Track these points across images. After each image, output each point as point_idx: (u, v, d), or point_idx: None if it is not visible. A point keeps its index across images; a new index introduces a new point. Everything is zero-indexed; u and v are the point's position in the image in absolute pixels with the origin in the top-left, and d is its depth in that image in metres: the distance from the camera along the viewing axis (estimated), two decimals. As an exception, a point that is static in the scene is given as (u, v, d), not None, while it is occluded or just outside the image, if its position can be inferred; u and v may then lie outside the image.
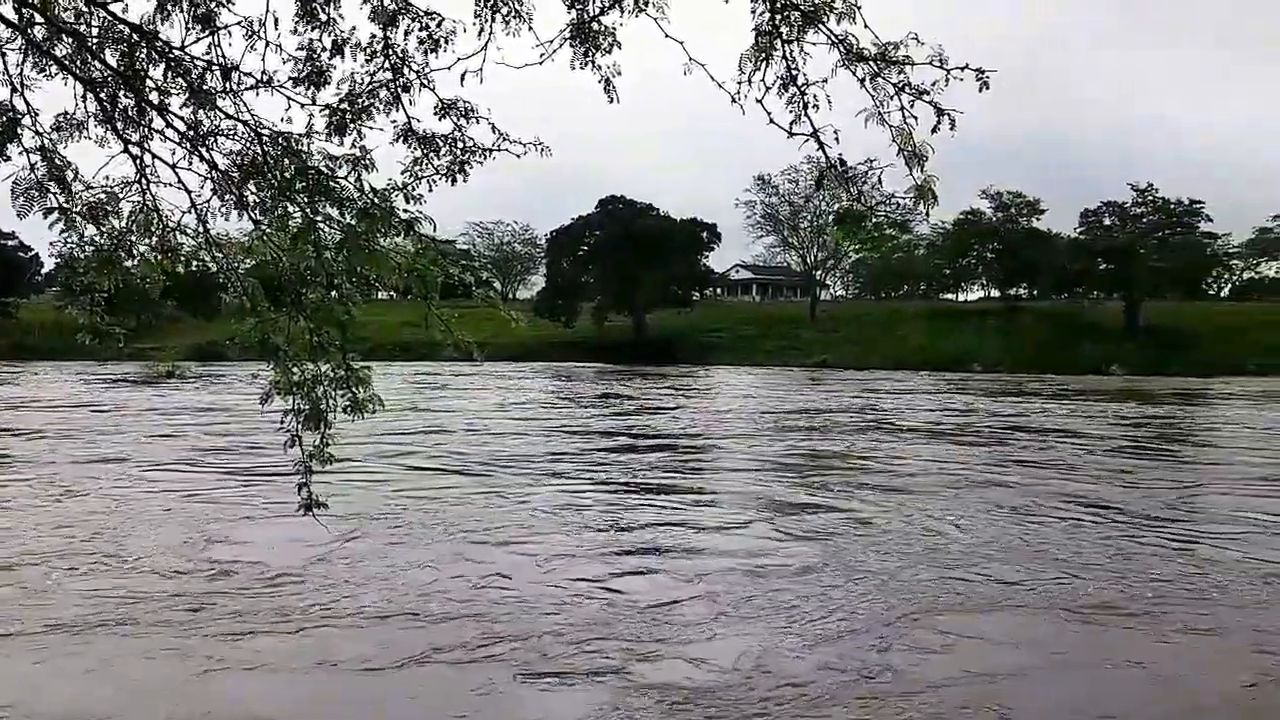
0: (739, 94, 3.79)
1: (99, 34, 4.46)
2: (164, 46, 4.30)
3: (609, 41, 4.00)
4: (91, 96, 4.54)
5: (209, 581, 8.14)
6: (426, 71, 4.21)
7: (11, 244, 76.16)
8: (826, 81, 3.66)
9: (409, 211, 4.15)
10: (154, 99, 4.54)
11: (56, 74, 4.44)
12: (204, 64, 4.29)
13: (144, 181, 4.88)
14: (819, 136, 3.67)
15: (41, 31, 4.43)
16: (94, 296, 4.96)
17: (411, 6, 4.17)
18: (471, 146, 4.35)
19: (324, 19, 4.21)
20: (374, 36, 4.23)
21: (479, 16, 3.99)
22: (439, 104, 4.29)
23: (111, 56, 4.48)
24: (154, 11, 4.32)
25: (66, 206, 4.39)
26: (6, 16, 4.30)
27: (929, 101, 3.49)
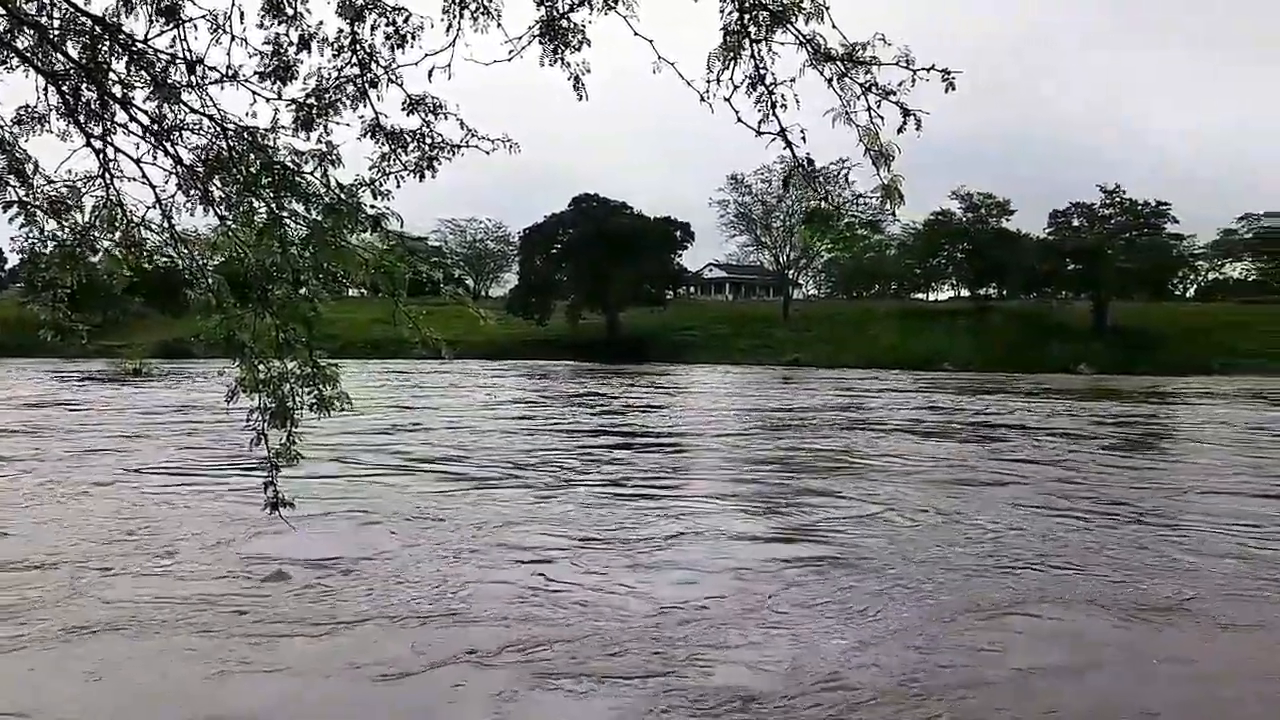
0: (708, 93, 3.79)
1: (61, 26, 4.39)
2: (127, 39, 4.24)
3: (578, 39, 4.00)
4: (53, 89, 4.47)
5: (247, 583, 7.90)
6: (394, 67, 4.19)
7: (-26, 239, 74.96)
8: (794, 81, 3.68)
9: (376, 208, 4.13)
10: (117, 92, 4.48)
11: (18, 66, 4.37)
12: (168, 57, 4.23)
13: (107, 176, 4.81)
14: (787, 136, 3.68)
15: (2, 24, 4.37)
16: (56, 292, 4.89)
17: (379, 2, 4.15)
18: (440, 143, 4.33)
19: (290, 13, 4.17)
20: (341, 31, 4.20)
21: (447, 13, 3.97)
22: (407, 100, 4.27)
23: (74, 49, 4.41)
24: (118, 4, 4.26)
25: (27, 201, 4.32)
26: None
27: (895, 102, 3.52)
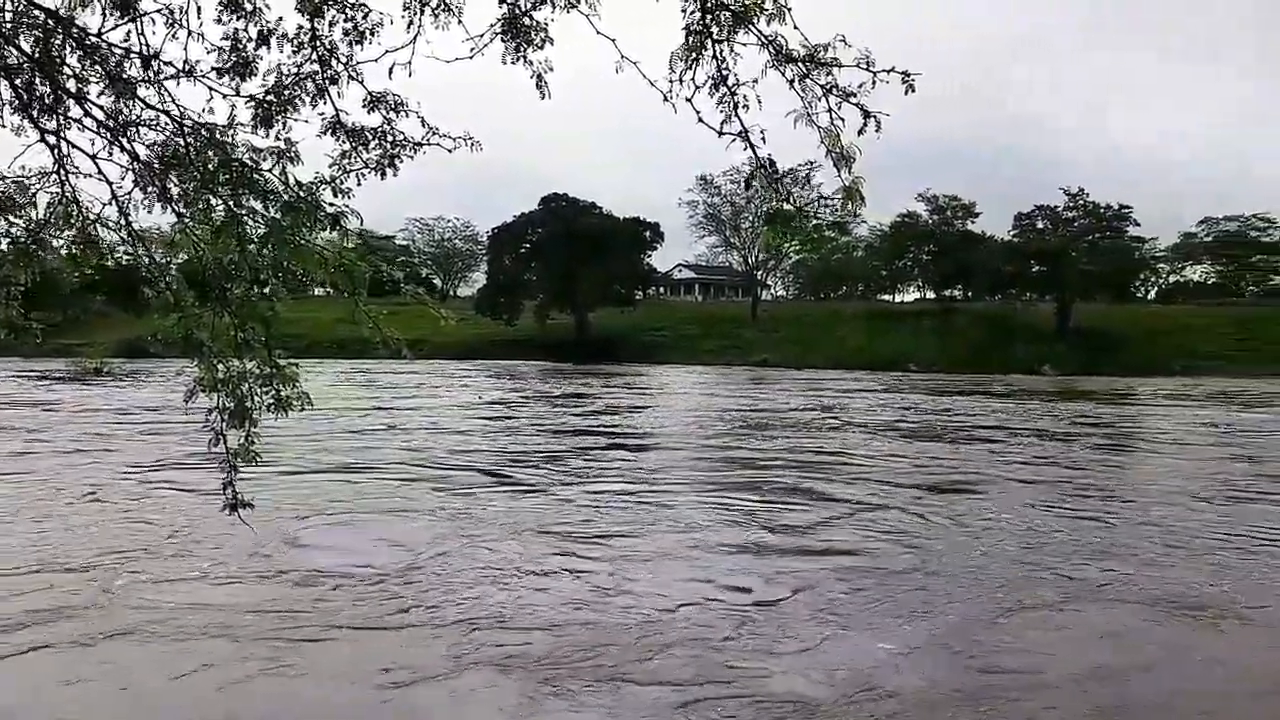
0: (671, 93, 3.79)
1: (13, 19, 4.30)
2: (81, 33, 4.17)
3: (540, 37, 3.98)
4: (6, 83, 4.39)
5: (287, 587, 7.75)
6: (354, 64, 4.14)
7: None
8: (757, 82, 3.68)
9: (335, 205, 4.08)
10: (72, 87, 4.40)
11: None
12: (122, 52, 4.16)
13: (62, 172, 4.73)
14: (749, 137, 3.69)
15: (-49, 16, 4.28)
16: (10, 290, 4.80)
17: (340, -2, 4.11)
18: (402, 140, 4.29)
19: (249, 8, 4.12)
20: (301, 28, 4.15)
21: (408, 9, 3.94)
22: (368, 97, 4.23)
23: (26, 42, 4.33)
24: (72, -4, 4.19)
25: (-22, 197, 4.24)
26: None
27: (856, 104, 3.53)
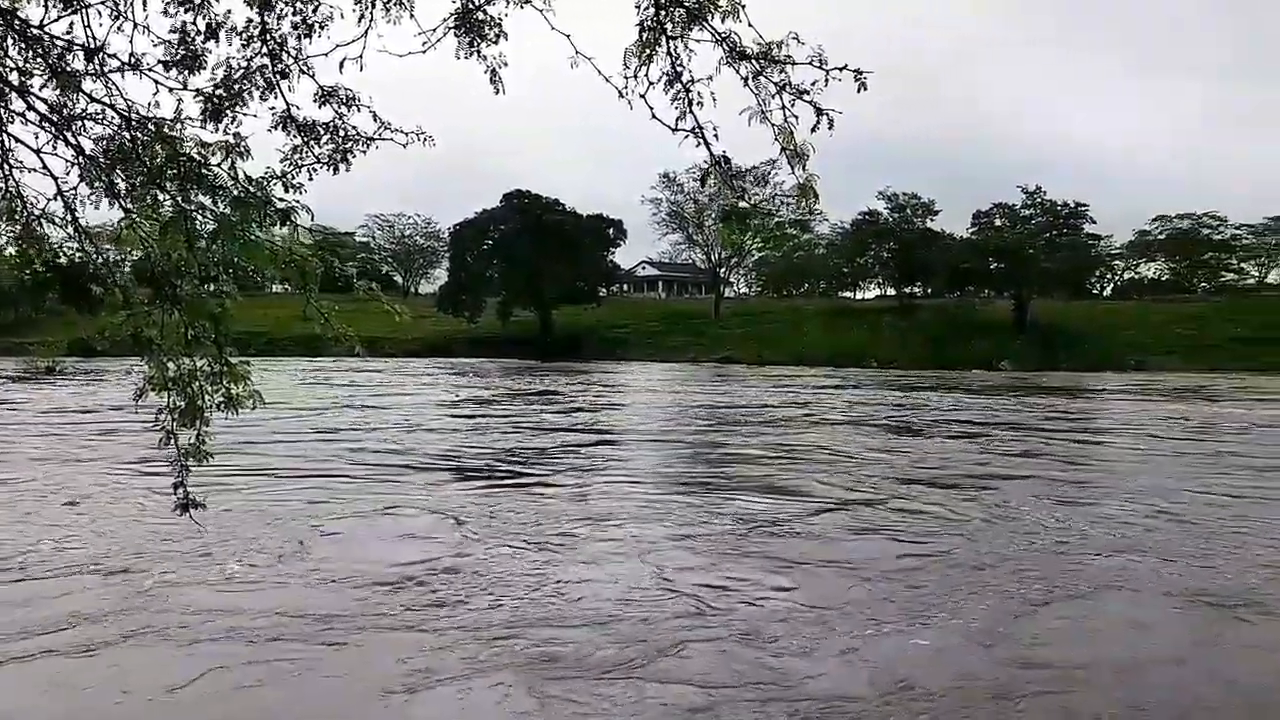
0: (626, 89, 3.78)
1: (-48, 10, 4.20)
2: (22, 25, 4.07)
3: (495, 32, 3.96)
4: (-56, 75, 4.28)
5: (321, 589, 7.53)
6: (305, 58, 4.09)
7: (-127, 231, 71.57)
8: (712, 79, 3.68)
9: (286, 201, 4.02)
10: (14, 79, 4.31)
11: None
12: (64, 43, 4.07)
13: (6, 166, 4.63)
14: (703, 133, 3.69)
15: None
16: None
17: (289, -10, 4.04)
18: (354, 135, 4.24)
19: (197, 1, 4.05)
20: (250, 21, 4.09)
21: (359, 3, 3.90)
22: (319, 91, 4.17)
23: (-35, 33, 4.23)
24: (13, -14, 4.09)
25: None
26: None
27: (809, 101, 3.54)
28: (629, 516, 10.48)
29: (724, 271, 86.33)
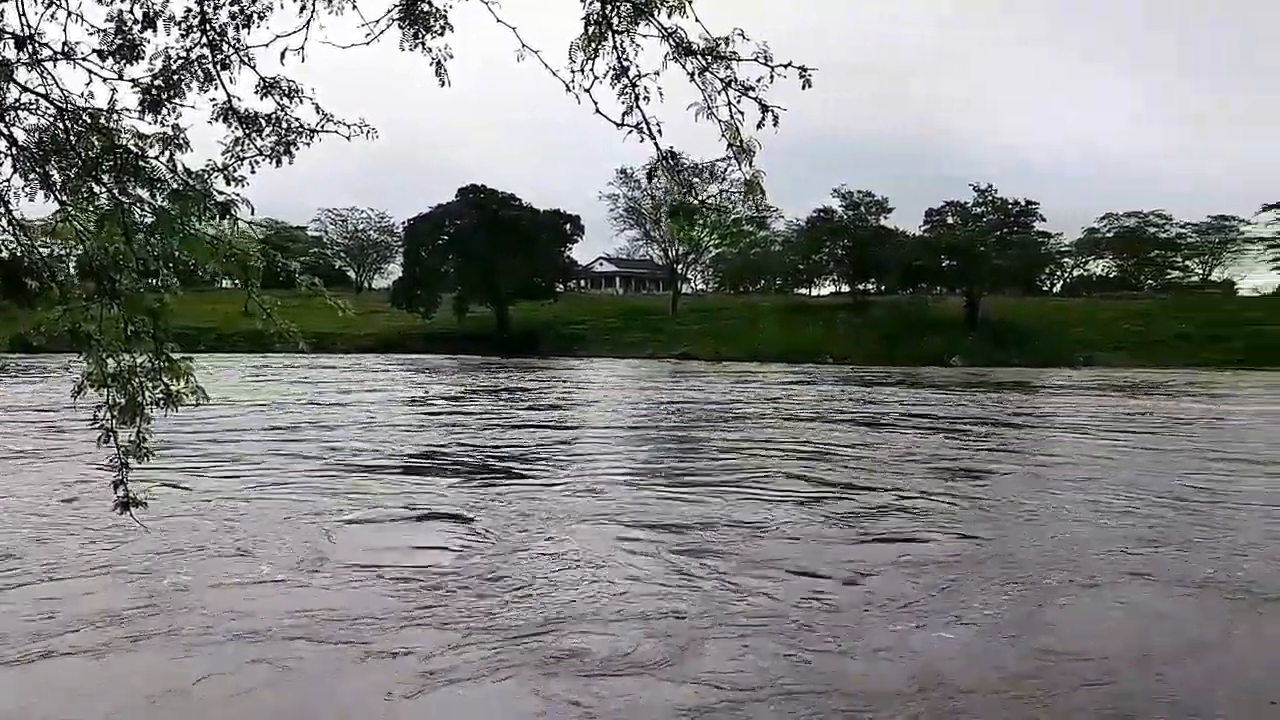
0: (573, 83, 3.76)
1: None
2: (-50, 10, 3.95)
3: (440, 24, 3.91)
4: None
5: (353, 590, 7.40)
6: (246, 48, 4.01)
7: None
8: (659, 74, 3.67)
9: (226, 194, 3.94)
10: (-58, 67, 4.18)
11: None
12: (-7, 31, 3.95)
13: (-65, 156, 4.49)
14: (651, 129, 3.68)
15: None
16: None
17: (229, -22, 3.96)
18: (297, 127, 4.17)
19: (134, -12, 3.95)
20: (190, 10, 3.99)
21: (301, -8, 3.83)
22: (260, 82, 4.09)
23: (-109, 19, 4.09)
24: (-60, -28, 3.97)
25: None
26: None
27: (754, 98, 3.55)
28: (638, 512, 10.47)
29: (681, 268, 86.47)
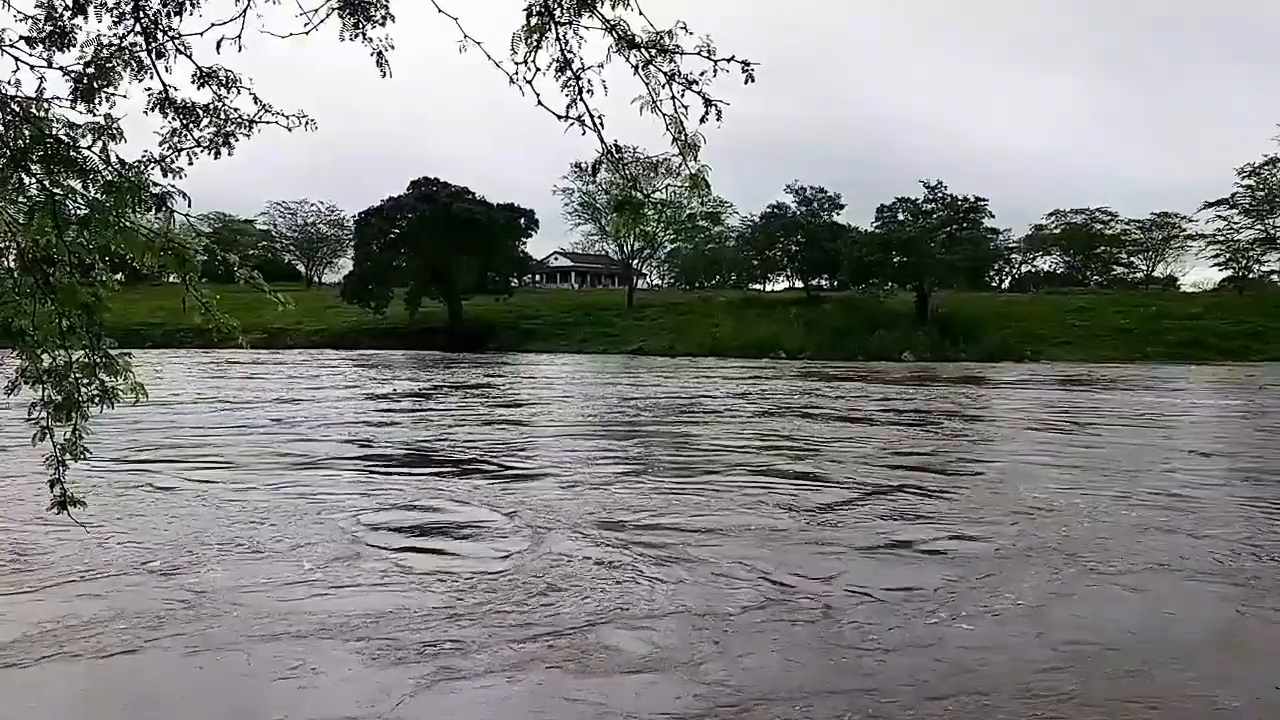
0: (517, 75, 3.73)
1: None
2: None
3: (382, 14, 3.86)
4: None
5: (394, 591, 7.20)
6: (181, 37, 3.93)
7: None
8: (603, 66, 3.66)
9: (162, 186, 3.87)
10: None
11: None
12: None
13: None
14: (595, 122, 3.67)
15: None
16: None
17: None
18: (237, 118, 4.10)
19: (64, -26, 3.85)
20: (123, -4, 3.91)
21: (238, -20, 3.76)
22: (197, 71, 4.02)
23: None
24: None
25: None
26: None
27: (698, 92, 3.55)
28: (650, 509, 10.36)
29: (637, 263, 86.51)
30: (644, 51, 3.53)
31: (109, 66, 3.89)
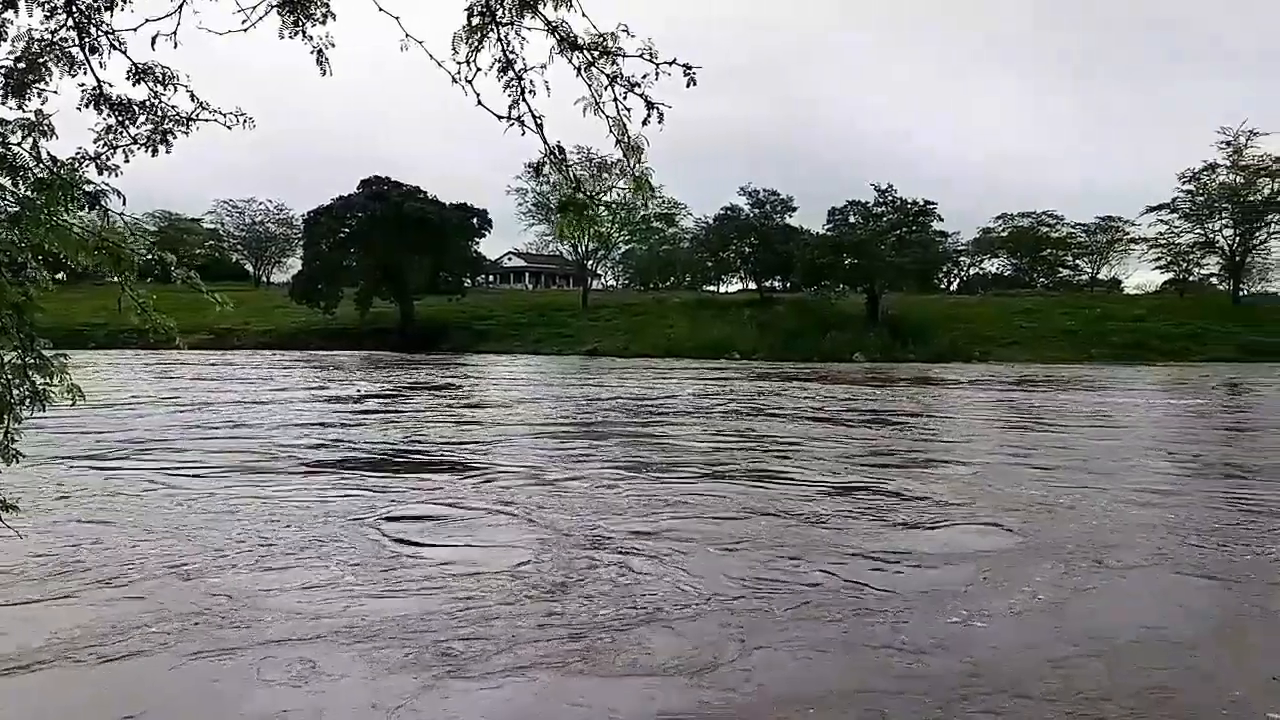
0: (459, 74, 3.72)
1: None
2: None
3: (322, 11, 3.82)
4: None
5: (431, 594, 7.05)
6: (115, 32, 3.85)
7: None
8: (545, 68, 3.66)
9: (96, 184, 3.79)
10: None
11: None
12: None
13: None
14: (537, 123, 3.66)
15: None
16: None
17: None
18: (174, 115, 4.03)
19: (-7, -35, 3.77)
20: (55, -11, 3.83)
21: (172, -25, 3.70)
22: (133, 68, 3.94)
23: None
24: None
25: None
26: None
27: (640, 94, 3.56)
28: (656, 509, 10.29)
29: (591, 264, 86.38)
30: (586, 53, 3.53)
31: (40, 62, 3.81)
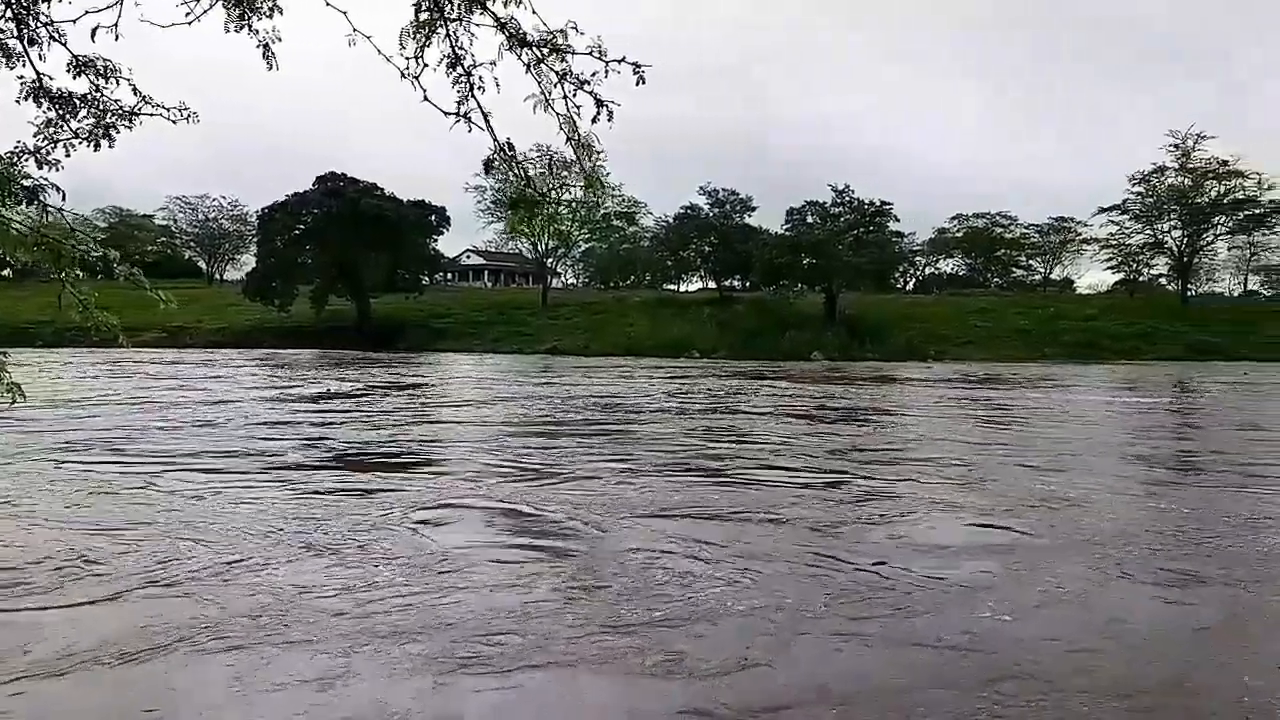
0: (408, 70, 3.69)
1: None
2: None
3: (269, 5, 3.76)
4: None
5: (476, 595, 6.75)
6: (54, 23, 3.77)
7: None
8: (495, 64, 3.64)
9: (35, 179, 3.71)
10: None
11: None
12: None
13: None
14: (486, 120, 3.65)
15: None
16: None
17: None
18: (117, 108, 3.95)
19: (-73, -47, 3.67)
20: (-9, -21, 3.73)
21: (114, -34, 3.62)
22: (73, 60, 3.86)
23: None
24: None
25: None
26: None
27: (589, 92, 3.55)
28: (678, 504, 10.14)
29: (551, 262, 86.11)
30: (535, 50, 3.51)
31: (-25, 52, 3.72)
